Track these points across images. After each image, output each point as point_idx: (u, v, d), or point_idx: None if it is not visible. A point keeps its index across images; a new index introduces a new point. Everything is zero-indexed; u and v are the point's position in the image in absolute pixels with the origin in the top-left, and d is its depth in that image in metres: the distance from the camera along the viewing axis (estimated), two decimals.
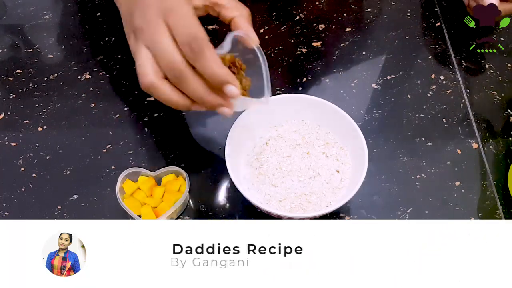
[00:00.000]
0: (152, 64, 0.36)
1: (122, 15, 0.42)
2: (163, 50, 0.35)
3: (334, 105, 0.46)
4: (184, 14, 0.35)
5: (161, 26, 0.35)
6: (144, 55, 0.36)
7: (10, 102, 0.54)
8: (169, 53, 0.35)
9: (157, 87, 0.36)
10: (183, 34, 0.35)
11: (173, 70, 0.35)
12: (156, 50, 0.35)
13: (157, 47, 0.35)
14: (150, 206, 0.46)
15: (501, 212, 0.48)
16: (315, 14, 0.62)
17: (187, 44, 0.34)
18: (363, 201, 0.48)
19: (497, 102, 0.55)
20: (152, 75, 0.36)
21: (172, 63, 0.35)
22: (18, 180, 0.49)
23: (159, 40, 0.35)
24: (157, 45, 0.35)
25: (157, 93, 0.37)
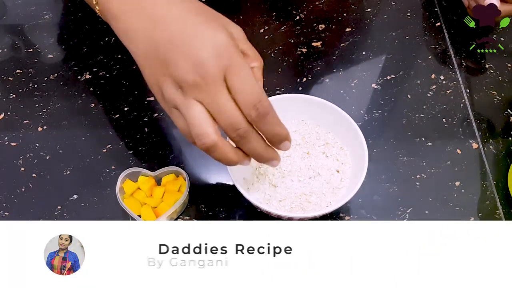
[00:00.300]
0: (211, 123, 0.34)
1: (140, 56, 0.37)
2: (227, 110, 0.33)
3: (334, 105, 0.46)
4: (246, 74, 0.34)
5: (222, 85, 0.33)
6: (199, 113, 0.33)
7: (10, 102, 0.54)
8: (233, 114, 0.34)
9: (219, 147, 0.35)
10: (247, 96, 0.34)
11: (238, 130, 0.34)
12: (218, 109, 0.33)
13: (219, 107, 0.33)
14: (150, 206, 0.46)
15: (501, 212, 0.48)
16: (315, 14, 0.62)
17: (252, 106, 0.34)
18: (363, 201, 0.48)
19: (497, 102, 0.55)
20: (214, 135, 0.34)
21: (237, 124, 0.34)
22: (18, 180, 0.49)
23: (222, 100, 0.33)
24: (220, 105, 0.33)
25: (218, 153, 0.35)
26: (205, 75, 0.33)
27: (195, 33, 0.34)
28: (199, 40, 0.33)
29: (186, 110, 0.34)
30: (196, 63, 0.33)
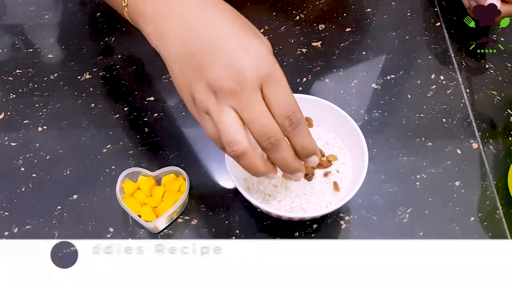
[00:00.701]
0: (243, 131, 0.34)
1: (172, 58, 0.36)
2: (261, 118, 0.34)
3: (334, 105, 0.46)
4: (283, 85, 0.34)
5: (258, 93, 0.33)
6: (232, 119, 0.33)
7: (10, 102, 0.54)
8: (267, 122, 0.34)
9: (249, 155, 0.35)
10: (283, 106, 0.34)
11: (270, 138, 0.34)
12: (252, 117, 0.33)
13: (253, 115, 0.33)
14: (150, 206, 0.46)
15: (501, 212, 0.48)
16: (315, 14, 0.62)
17: (286, 117, 0.34)
18: (363, 201, 0.48)
19: (497, 102, 0.55)
20: (245, 143, 0.34)
21: (270, 132, 0.34)
22: (18, 180, 0.49)
23: (257, 108, 0.33)
24: (254, 113, 0.33)
25: (247, 161, 0.35)
26: (243, 83, 0.33)
27: (234, 40, 0.33)
28: (238, 47, 0.33)
29: (218, 115, 0.34)
30: (234, 71, 0.33)
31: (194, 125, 0.53)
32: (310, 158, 0.38)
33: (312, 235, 0.46)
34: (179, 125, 0.53)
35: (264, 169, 0.36)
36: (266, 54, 0.34)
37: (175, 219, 0.47)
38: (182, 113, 0.54)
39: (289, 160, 0.36)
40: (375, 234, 0.46)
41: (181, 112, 0.54)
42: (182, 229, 0.47)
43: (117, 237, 0.46)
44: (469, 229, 0.47)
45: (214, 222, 0.47)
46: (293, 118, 0.34)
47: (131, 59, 0.58)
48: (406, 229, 0.47)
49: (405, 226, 0.47)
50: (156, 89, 0.55)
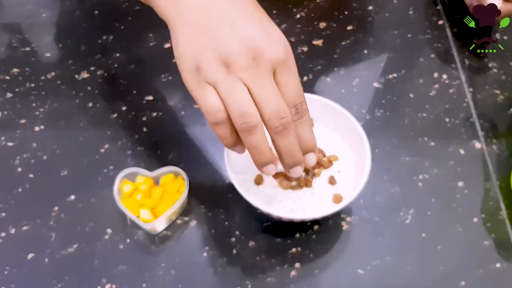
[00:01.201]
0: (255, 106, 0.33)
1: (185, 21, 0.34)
2: (274, 97, 0.33)
3: (335, 104, 0.46)
4: (296, 74, 0.34)
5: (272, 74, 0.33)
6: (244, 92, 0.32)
7: (6, 101, 0.54)
8: (281, 102, 0.33)
9: (260, 130, 0.34)
10: (293, 94, 0.34)
11: (283, 119, 0.33)
12: (266, 95, 0.33)
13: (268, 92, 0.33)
14: (149, 207, 0.45)
15: (504, 213, 0.47)
16: (316, 12, 0.61)
17: (294, 105, 0.34)
18: (364, 201, 0.47)
19: (501, 101, 0.55)
20: (259, 116, 0.33)
21: (284, 112, 0.33)
22: (14, 180, 0.49)
23: (273, 88, 0.33)
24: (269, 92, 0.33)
25: (257, 136, 0.34)
26: (260, 60, 0.32)
27: (257, 21, 0.33)
28: (260, 28, 0.33)
29: (229, 86, 0.32)
30: (253, 48, 0.32)
31: (193, 125, 0.52)
32: (308, 155, 0.37)
33: (313, 236, 0.46)
34: (178, 124, 0.52)
35: (269, 153, 0.35)
36: (285, 41, 0.34)
37: (174, 220, 0.47)
38: (182, 112, 0.53)
39: (295, 148, 0.35)
40: (377, 235, 0.46)
41: (180, 112, 0.53)
42: (181, 230, 0.46)
43: (115, 239, 0.46)
44: (472, 230, 0.46)
45: (213, 223, 0.47)
46: (300, 108, 0.34)
47: (129, 58, 0.57)
48: (409, 230, 0.46)
49: (408, 227, 0.46)
50: (154, 88, 0.55)
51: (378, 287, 0.44)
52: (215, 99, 0.33)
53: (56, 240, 0.45)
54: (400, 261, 0.45)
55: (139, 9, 0.61)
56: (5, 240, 0.46)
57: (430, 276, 0.44)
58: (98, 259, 0.45)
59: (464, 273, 0.44)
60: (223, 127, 0.34)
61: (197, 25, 0.34)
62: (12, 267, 0.44)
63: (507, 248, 0.45)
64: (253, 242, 0.46)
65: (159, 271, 0.44)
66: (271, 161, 0.36)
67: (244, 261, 0.45)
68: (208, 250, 0.45)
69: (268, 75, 0.33)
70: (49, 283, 0.43)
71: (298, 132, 0.35)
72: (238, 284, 0.43)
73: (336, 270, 0.44)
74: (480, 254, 0.45)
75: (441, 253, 0.45)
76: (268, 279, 0.44)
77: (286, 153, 0.36)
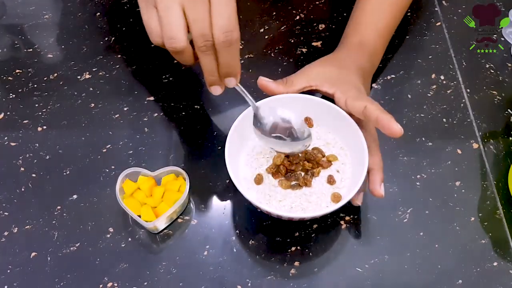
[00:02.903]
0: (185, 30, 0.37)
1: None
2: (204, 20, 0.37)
3: (334, 105, 0.46)
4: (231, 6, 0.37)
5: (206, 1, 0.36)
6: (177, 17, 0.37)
7: (9, 102, 0.54)
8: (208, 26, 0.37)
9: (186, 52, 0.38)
10: (224, 21, 0.37)
11: (207, 42, 0.37)
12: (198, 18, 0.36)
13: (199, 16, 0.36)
14: (150, 206, 0.46)
15: (501, 212, 0.48)
16: (315, 13, 0.61)
17: (223, 31, 0.37)
18: (363, 200, 0.48)
19: (498, 102, 0.55)
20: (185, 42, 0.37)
21: (207, 38, 0.37)
22: (17, 180, 0.49)
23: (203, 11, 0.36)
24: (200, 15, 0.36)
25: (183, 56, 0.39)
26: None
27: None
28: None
29: (166, 10, 0.36)
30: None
31: (194, 125, 0.53)
32: (229, 79, 0.41)
33: (312, 235, 0.46)
34: (179, 125, 0.53)
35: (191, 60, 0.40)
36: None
37: (175, 219, 0.47)
38: (182, 113, 0.54)
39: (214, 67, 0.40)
40: (375, 234, 0.46)
41: (181, 112, 0.54)
42: (182, 229, 0.47)
43: (116, 237, 0.46)
44: (470, 229, 0.47)
45: (214, 222, 0.47)
46: (229, 36, 0.37)
47: (130, 59, 0.58)
48: (407, 229, 0.47)
49: (405, 226, 0.47)
50: (156, 89, 0.55)
51: (376, 285, 0.44)
52: (154, 22, 0.38)
53: (59, 239, 0.46)
54: (398, 259, 0.45)
55: (140, 10, 0.61)
56: (8, 238, 0.46)
57: (428, 275, 0.44)
58: (100, 257, 0.45)
59: (462, 272, 0.45)
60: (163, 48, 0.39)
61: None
62: (15, 265, 0.45)
63: (504, 247, 0.46)
64: (253, 241, 0.46)
65: (160, 269, 0.44)
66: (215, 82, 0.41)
67: (244, 259, 0.45)
68: (209, 249, 0.46)
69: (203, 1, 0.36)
70: (52, 282, 0.44)
71: (224, 59, 0.39)
72: (238, 282, 0.44)
73: (335, 268, 0.45)
74: (477, 253, 0.46)
75: (439, 252, 0.45)
76: (268, 277, 0.44)
77: (207, 71, 0.40)
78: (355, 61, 0.49)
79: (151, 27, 0.39)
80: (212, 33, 0.37)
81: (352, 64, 0.48)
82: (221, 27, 0.37)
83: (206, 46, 0.38)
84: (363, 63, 0.49)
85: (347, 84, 0.46)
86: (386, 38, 0.53)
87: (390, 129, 0.40)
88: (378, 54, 0.52)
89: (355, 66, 0.48)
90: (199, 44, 0.38)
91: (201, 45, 0.38)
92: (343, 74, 0.47)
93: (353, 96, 0.44)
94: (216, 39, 0.37)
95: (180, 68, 0.57)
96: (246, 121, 0.45)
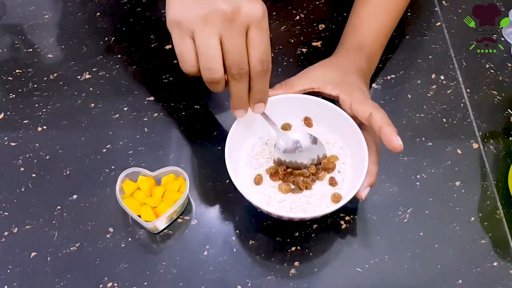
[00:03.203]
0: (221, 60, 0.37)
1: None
2: (241, 50, 0.37)
3: (334, 105, 0.46)
4: (267, 34, 0.38)
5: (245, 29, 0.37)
6: (215, 47, 0.37)
7: (9, 102, 0.54)
8: (244, 56, 0.38)
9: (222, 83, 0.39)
10: (262, 51, 0.38)
11: (242, 70, 0.38)
12: (234, 47, 0.37)
13: (236, 45, 0.37)
14: (150, 206, 0.46)
15: (501, 212, 0.48)
16: (315, 14, 0.62)
17: (261, 61, 0.38)
18: (363, 201, 0.48)
19: (498, 102, 0.55)
20: (222, 71, 0.38)
21: (243, 67, 0.38)
22: (17, 180, 0.49)
23: (241, 40, 0.37)
24: (237, 44, 0.37)
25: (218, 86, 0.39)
26: (237, 15, 0.36)
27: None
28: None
29: (205, 41, 0.37)
30: (236, 4, 0.36)
31: (194, 125, 0.53)
32: (259, 104, 0.42)
33: (312, 235, 0.46)
34: (179, 125, 0.53)
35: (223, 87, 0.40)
36: (263, 5, 0.38)
37: (175, 219, 0.47)
38: (182, 113, 0.54)
39: (245, 93, 0.41)
40: (375, 234, 0.46)
41: (181, 112, 0.54)
42: (182, 229, 0.47)
43: (116, 237, 0.46)
44: (469, 229, 0.47)
45: (214, 222, 0.47)
46: (266, 65, 0.38)
47: (130, 59, 0.58)
48: (406, 229, 0.47)
49: (405, 226, 0.47)
50: (155, 89, 0.55)
51: (376, 285, 0.44)
52: (190, 52, 0.38)
53: (59, 239, 0.46)
54: (398, 259, 0.45)
55: (140, 10, 0.61)
56: (8, 239, 0.46)
57: (428, 275, 0.44)
58: (100, 257, 0.45)
59: (461, 272, 0.45)
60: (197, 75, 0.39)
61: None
62: (15, 265, 0.45)
63: (504, 247, 0.46)
64: (253, 241, 0.46)
65: (160, 269, 0.45)
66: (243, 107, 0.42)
67: (244, 259, 0.45)
68: (209, 249, 0.46)
69: (241, 30, 0.37)
70: (52, 282, 0.44)
71: (257, 85, 0.40)
72: (238, 282, 0.44)
73: (335, 268, 0.45)
74: (477, 253, 0.46)
75: (439, 252, 0.45)
76: (268, 277, 0.44)
77: (237, 97, 0.41)
78: (355, 63, 0.49)
79: (186, 57, 0.38)
80: (248, 62, 0.38)
81: (353, 66, 0.49)
82: (259, 57, 0.38)
83: (240, 74, 0.38)
84: (363, 65, 0.50)
85: (350, 85, 0.46)
86: (384, 40, 0.54)
87: (390, 143, 0.41)
88: (377, 56, 0.53)
89: (356, 68, 0.49)
90: (233, 72, 0.38)
91: (235, 73, 0.38)
92: (345, 76, 0.47)
93: (358, 99, 0.44)
94: (253, 68, 0.38)
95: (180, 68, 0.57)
96: (246, 121, 0.45)
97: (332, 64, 0.49)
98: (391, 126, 0.42)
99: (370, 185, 0.43)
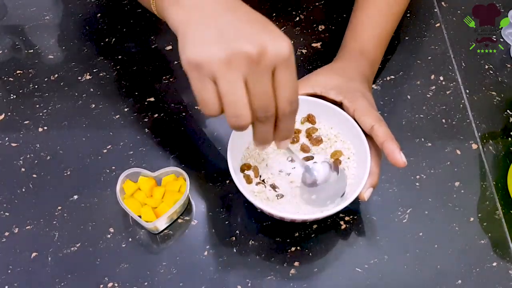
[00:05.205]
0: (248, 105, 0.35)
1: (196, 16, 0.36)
2: (268, 93, 0.35)
3: (334, 106, 0.46)
4: (295, 73, 0.36)
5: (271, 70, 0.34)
6: (241, 93, 0.34)
7: (10, 102, 0.55)
8: (271, 99, 0.35)
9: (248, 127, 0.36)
10: (290, 92, 0.36)
11: (268, 113, 0.36)
12: (261, 91, 0.35)
13: (264, 90, 0.35)
14: (150, 207, 0.46)
15: (500, 213, 0.48)
16: (315, 15, 0.62)
17: (290, 102, 0.36)
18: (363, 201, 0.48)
19: (497, 103, 0.55)
20: (250, 117, 0.35)
21: (270, 110, 0.36)
22: (18, 180, 0.49)
23: (268, 83, 0.34)
24: (265, 88, 0.35)
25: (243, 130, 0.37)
26: (263, 56, 0.33)
27: (262, 22, 0.35)
28: (267, 29, 0.35)
29: (230, 87, 0.34)
30: (258, 44, 0.33)
31: (194, 125, 0.53)
32: (285, 141, 0.40)
33: (312, 235, 0.46)
34: (179, 125, 0.53)
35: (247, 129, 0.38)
36: (288, 41, 0.35)
37: (175, 219, 0.47)
38: (183, 113, 0.54)
39: (270, 135, 0.39)
40: (375, 234, 0.47)
41: (181, 113, 0.54)
42: (182, 230, 0.47)
43: (117, 238, 0.46)
44: (469, 229, 0.47)
45: (214, 222, 0.47)
46: (294, 106, 0.37)
47: (131, 60, 0.58)
48: (406, 229, 0.47)
49: (405, 227, 0.47)
50: (156, 90, 0.55)
51: (376, 285, 0.44)
52: (213, 97, 0.34)
53: (59, 239, 0.46)
54: (398, 260, 0.45)
55: (141, 11, 0.61)
56: (9, 239, 0.46)
57: (427, 275, 0.45)
58: (101, 258, 0.45)
59: (461, 272, 0.45)
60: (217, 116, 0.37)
61: (205, 28, 0.35)
62: (15, 266, 0.45)
63: (503, 247, 0.46)
64: (253, 241, 0.46)
65: (161, 269, 0.45)
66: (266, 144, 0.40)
67: (244, 260, 0.45)
68: (209, 249, 0.46)
69: (267, 72, 0.34)
70: (52, 282, 0.44)
71: (285, 125, 0.38)
72: (238, 282, 0.44)
73: (334, 268, 0.45)
74: (476, 253, 0.46)
75: (438, 252, 0.46)
76: (268, 278, 0.44)
77: (261, 137, 0.39)
78: (358, 68, 0.49)
79: (208, 102, 0.35)
80: (275, 104, 0.36)
81: (356, 72, 0.48)
82: (288, 98, 0.36)
83: (267, 117, 0.36)
84: (366, 70, 0.50)
85: (354, 92, 0.46)
86: (385, 43, 0.54)
87: (393, 160, 0.41)
88: (378, 60, 0.53)
89: (359, 73, 0.48)
90: (259, 115, 0.36)
91: (261, 115, 0.36)
92: (349, 82, 0.47)
93: (361, 109, 0.44)
94: (281, 110, 0.36)
95: (180, 68, 0.57)
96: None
97: (334, 71, 0.49)
98: (393, 141, 0.42)
99: (373, 186, 0.43)
